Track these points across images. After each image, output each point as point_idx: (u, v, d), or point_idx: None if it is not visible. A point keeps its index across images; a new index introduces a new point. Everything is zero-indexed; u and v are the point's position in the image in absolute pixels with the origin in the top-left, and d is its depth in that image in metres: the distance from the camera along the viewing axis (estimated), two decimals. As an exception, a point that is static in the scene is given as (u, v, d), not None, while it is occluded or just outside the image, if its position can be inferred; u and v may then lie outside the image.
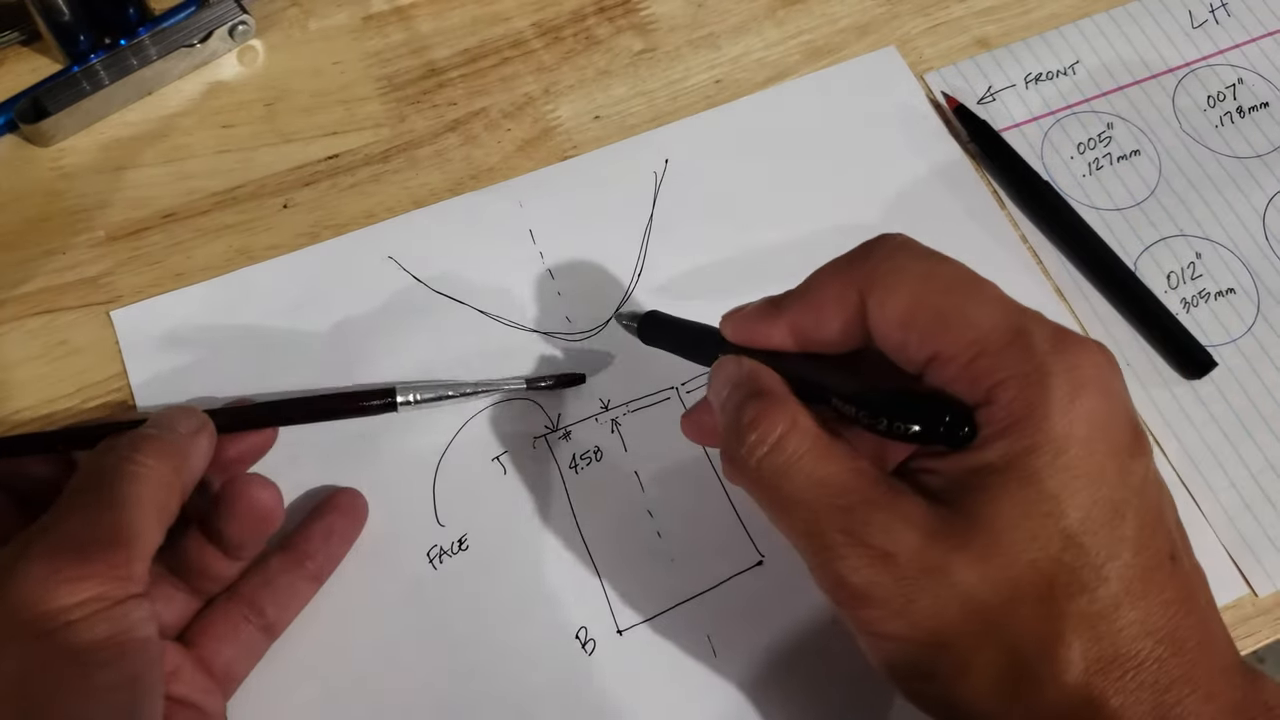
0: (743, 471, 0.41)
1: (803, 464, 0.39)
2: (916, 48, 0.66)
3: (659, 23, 0.65)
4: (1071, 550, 0.36)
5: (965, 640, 0.37)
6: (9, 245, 0.58)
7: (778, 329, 0.43)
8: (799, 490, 0.39)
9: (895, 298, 0.39)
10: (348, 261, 0.58)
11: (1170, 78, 0.66)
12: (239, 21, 0.61)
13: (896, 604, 0.37)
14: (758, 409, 0.40)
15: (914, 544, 0.36)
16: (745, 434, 0.40)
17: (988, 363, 0.37)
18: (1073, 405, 0.36)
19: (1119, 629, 0.36)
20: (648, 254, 0.59)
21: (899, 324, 0.39)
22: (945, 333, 0.38)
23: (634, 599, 0.51)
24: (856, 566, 0.37)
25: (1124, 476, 0.37)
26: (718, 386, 0.43)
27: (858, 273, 0.41)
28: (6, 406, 0.54)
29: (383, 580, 0.51)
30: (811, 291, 0.42)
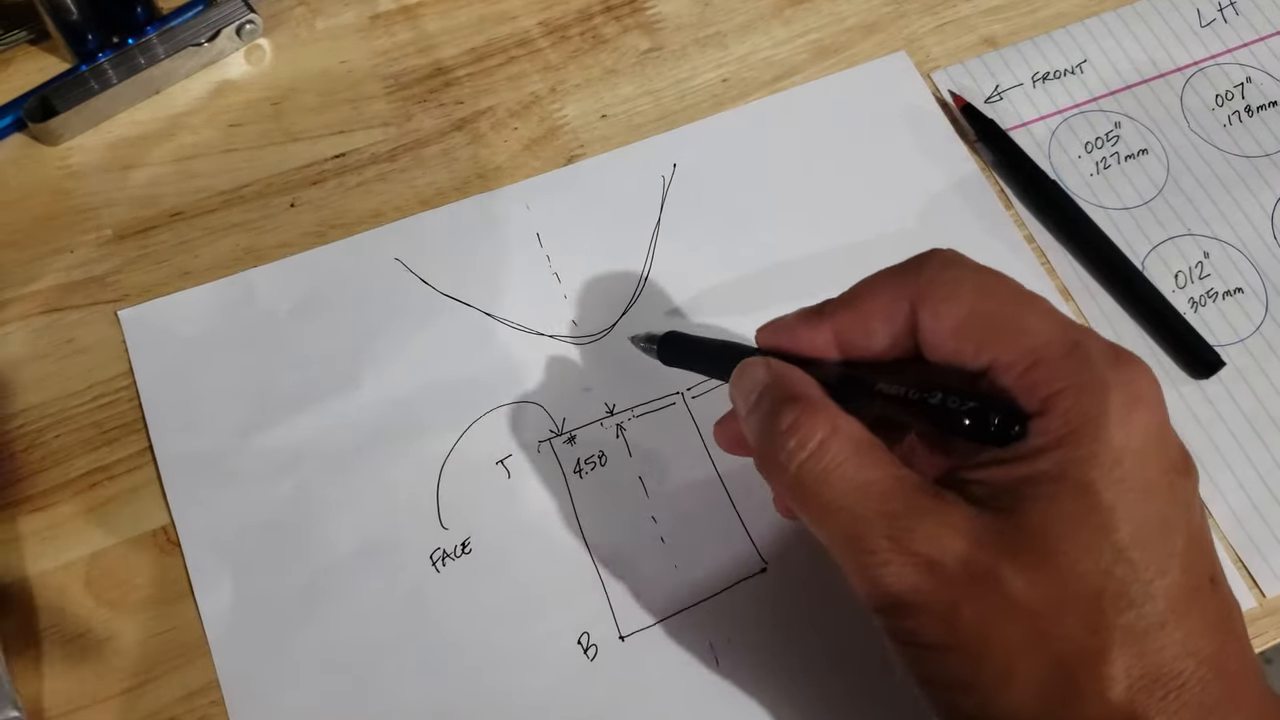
0: (780, 476, 0.40)
1: (844, 469, 0.38)
2: (924, 46, 0.65)
3: (665, 21, 0.65)
4: (1122, 564, 0.36)
5: (1010, 650, 0.36)
6: (17, 244, 0.58)
7: (822, 335, 0.43)
8: (840, 496, 0.38)
9: (951, 307, 0.39)
10: (354, 263, 0.58)
11: (1178, 77, 0.66)
12: (246, 20, 0.61)
13: (940, 612, 0.36)
14: (795, 414, 0.40)
15: (961, 551, 0.36)
16: (785, 440, 0.39)
17: (1045, 372, 0.37)
18: (1129, 418, 0.36)
19: (1163, 647, 0.36)
20: (655, 258, 0.59)
21: (954, 333, 0.39)
22: (1002, 342, 0.38)
23: (637, 604, 0.52)
24: (901, 574, 0.37)
25: (1175, 494, 0.37)
26: (744, 391, 0.43)
27: (911, 283, 0.41)
28: (14, 404, 0.54)
29: (386, 582, 0.51)
30: (859, 300, 0.42)
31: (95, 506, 0.52)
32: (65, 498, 0.52)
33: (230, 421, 0.54)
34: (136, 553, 0.52)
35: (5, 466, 0.53)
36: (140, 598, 0.50)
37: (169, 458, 0.53)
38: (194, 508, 0.52)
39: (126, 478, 0.53)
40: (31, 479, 0.53)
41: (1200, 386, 0.58)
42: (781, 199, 0.61)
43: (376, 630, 0.50)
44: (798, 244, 0.59)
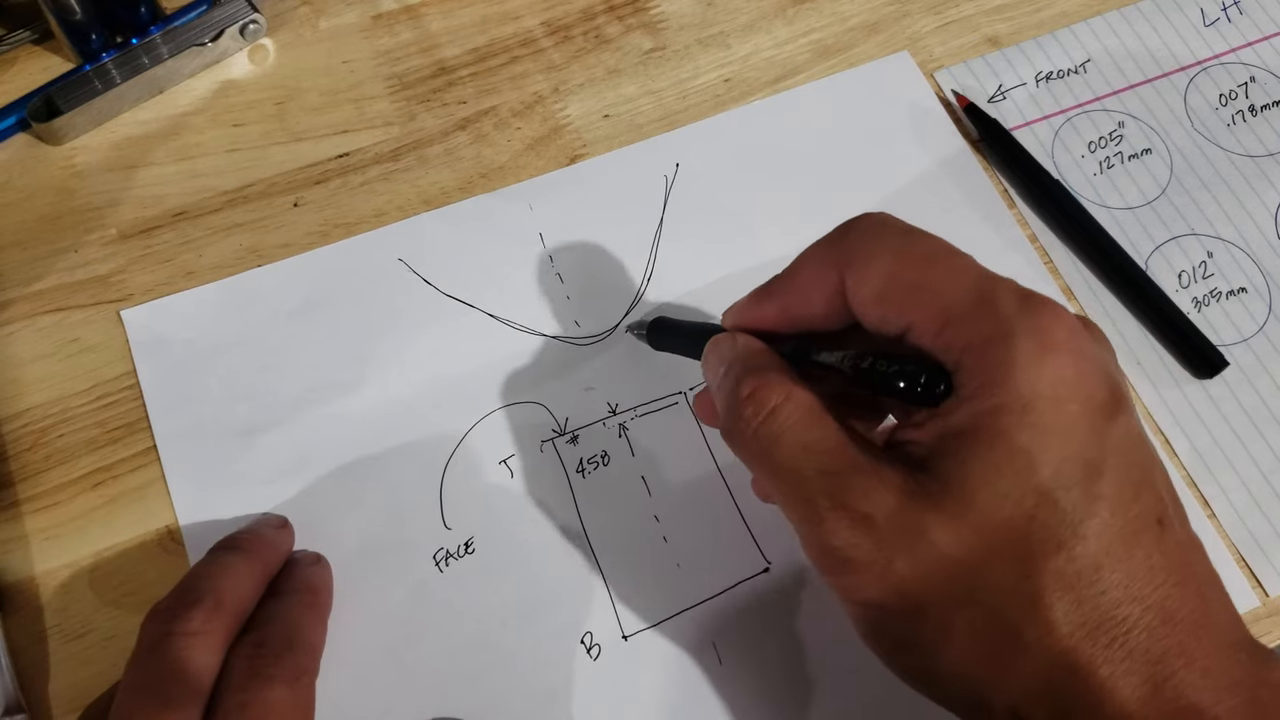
0: (740, 442, 0.41)
1: (793, 432, 0.39)
2: (927, 46, 0.65)
3: (668, 21, 0.65)
4: (1045, 507, 0.35)
5: (945, 604, 0.36)
6: (21, 243, 0.58)
7: (770, 311, 0.44)
8: (788, 456, 0.39)
9: (870, 274, 0.40)
10: (357, 263, 0.58)
11: (1182, 76, 0.65)
12: (250, 20, 0.62)
13: (876, 568, 0.37)
14: (754, 383, 0.41)
15: (891, 506, 0.37)
16: (744, 407, 0.40)
17: (956, 330, 0.37)
18: (1039, 364, 0.36)
19: (1101, 591, 0.36)
20: (658, 258, 0.59)
21: (875, 299, 0.40)
22: (917, 305, 0.39)
23: (640, 604, 0.52)
24: (837, 529, 0.37)
25: (1099, 436, 0.37)
26: (713, 364, 0.44)
27: (836, 252, 0.42)
28: (18, 404, 0.54)
29: (389, 582, 0.51)
30: (796, 274, 0.43)
31: (99, 506, 0.52)
32: (69, 497, 0.53)
33: (233, 421, 0.54)
34: (140, 552, 0.52)
35: (9, 466, 0.53)
36: (144, 597, 0.50)
37: (173, 457, 0.53)
38: (198, 507, 0.52)
39: (130, 477, 0.53)
40: (35, 478, 0.53)
41: (1204, 386, 0.58)
42: (784, 198, 0.61)
43: (380, 630, 0.50)
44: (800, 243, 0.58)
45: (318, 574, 0.50)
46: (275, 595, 0.47)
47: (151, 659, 0.42)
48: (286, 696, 0.43)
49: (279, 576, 0.49)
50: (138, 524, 0.52)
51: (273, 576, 0.48)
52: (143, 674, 0.42)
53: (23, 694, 0.49)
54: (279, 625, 0.45)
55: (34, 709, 0.49)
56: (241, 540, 0.48)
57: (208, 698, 0.42)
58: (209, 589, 0.44)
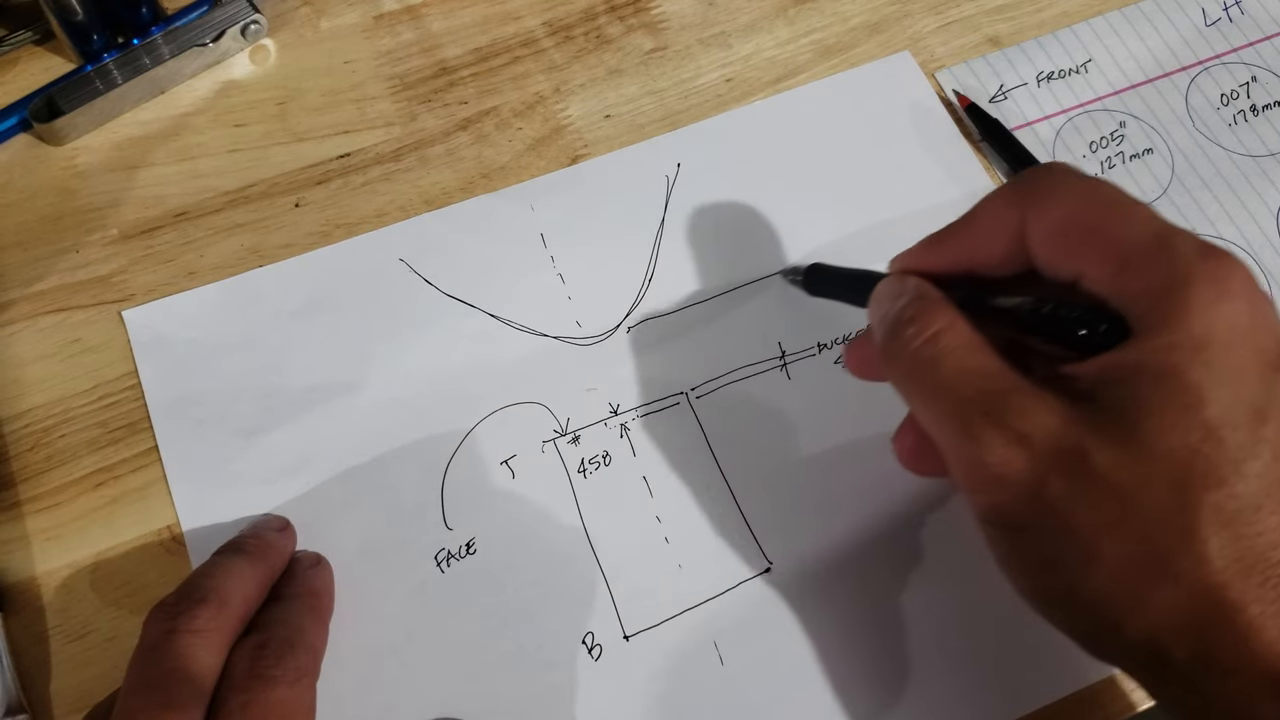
0: (897, 361, 0.42)
1: (954, 356, 0.40)
2: (928, 46, 0.65)
3: (670, 21, 0.65)
4: (1211, 442, 0.36)
5: (1096, 527, 0.37)
6: (23, 243, 0.58)
7: (943, 256, 0.45)
8: (948, 377, 0.40)
9: (1052, 212, 0.41)
10: (359, 264, 0.58)
11: (1183, 76, 0.65)
12: (251, 21, 0.62)
13: (1029, 486, 0.37)
14: (918, 307, 0.42)
15: (1051, 426, 0.37)
16: (906, 328, 0.42)
17: (1133, 273, 0.38)
18: (1215, 308, 0.37)
19: (1258, 533, 0.36)
20: (659, 258, 0.59)
21: (1053, 237, 0.41)
22: (1095, 246, 0.40)
23: (641, 604, 0.52)
24: (992, 446, 0.38)
25: (1267, 385, 0.37)
26: (880, 303, 0.45)
27: (1020, 192, 0.43)
28: (19, 404, 0.54)
29: (390, 583, 0.51)
30: (976, 217, 0.44)
31: (101, 506, 0.52)
32: (71, 497, 0.53)
33: (235, 421, 0.54)
34: (142, 553, 0.52)
35: (11, 466, 0.53)
36: (146, 598, 0.50)
37: (174, 457, 0.53)
38: (199, 508, 0.52)
39: (132, 477, 0.53)
40: (37, 479, 0.53)
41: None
42: (785, 198, 0.61)
43: (381, 630, 0.50)
44: (801, 243, 0.59)
45: (319, 577, 0.50)
46: (277, 599, 0.47)
47: (154, 657, 0.42)
48: (288, 697, 0.43)
49: (281, 580, 0.49)
50: (139, 524, 0.52)
51: (275, 579, 0.48)
52: (145, 672, 0.42)
53: (24, 694, 0.49)
54: (281, 628, 0.45)
55: (35, 709, 0.49)
56: (245, 543, 0.48)
57: (210, 698, 0.42)
58: (213, 588, 0.44)
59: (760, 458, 0.55)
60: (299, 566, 0.50)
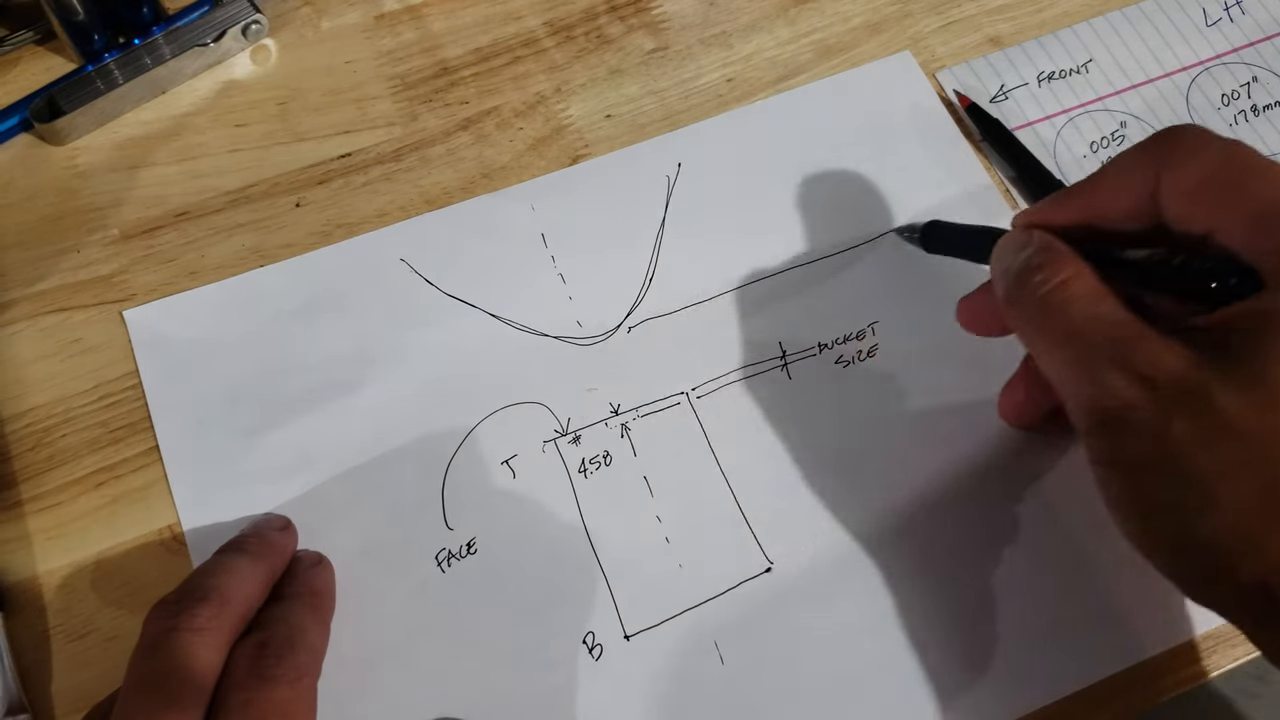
0: (1022, 307, 0.43)
1: (1082, 303, 0.41)
2: (929, 46, 0.65)
3: (670, 21, 0.65)
4: None
5: (1218, 471, 0.37)
6: (24, 243, 0.58)
7: (1070, 211, 0.46)
8: (1075, 322, 0.41)
9: (1189, 170, 0.42)
10: (360, 264, 0.58)
11: (1184, 76, 0.65)
12: (252, 21, 0.62)
13: (1152, 427, 0.38)
14: (1045, 256, 0.43)
15: (1178, 369, 0.38)
16: (1034, 274, 0.43)
17: (1267, 233, 0.39)
18: None
19: None
20: (660, 258, 0.59)
21: (1189, 194, 0.41)
22: (1230, 205, 0.40)
23: (642, 605, 0.51)
24: (1118, 388, 0.38)
25: None
26: (1004, 255, 0.46)
27: (1154, 151, 0.43)
28: (20, 404, 0.54)
29: (391, 583, 0.51)
30: (1106, 174, 0.45)
31: (102, 506, 0.52)
32: (72, 497, 0.53)
33: (236, 421, 0.54)
34: (143, 552, 0.52)
35: (12, 466, 0.53)
36: (147, 597, 0.50)
37: (175, 457, 0.53)
38: (200, 508, 0.52)
39: (133, 477, 0.53)
40: (38, 478, 0.53)
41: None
42: (786, 198, 0.61)
43: (382, 630, 0.50)
44: (802, 243, 0.59)
45: (321, 576, 0.50)
46: (279, 599, 0.47)
47: (154, 656, 0.42)
48: (289, 696, 0.43)
49: (283, 580, 0.49)
50: (140, 524, 0.52)
51: (277, 578, 0.48)
52: (145, 671, 0.42)
53: (25, 694, 0.49)
54: (282, 627, 0.45)
55: (36, 709, 0.49)
56: (246, 543, 0.48)
57: (210, 696, 0.42)
58: (213, 586, 0.44)
59: (761, 458, 0.55)
60: (300, 566, 0.50)
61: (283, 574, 0.49)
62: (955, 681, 0.51)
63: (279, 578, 0.49)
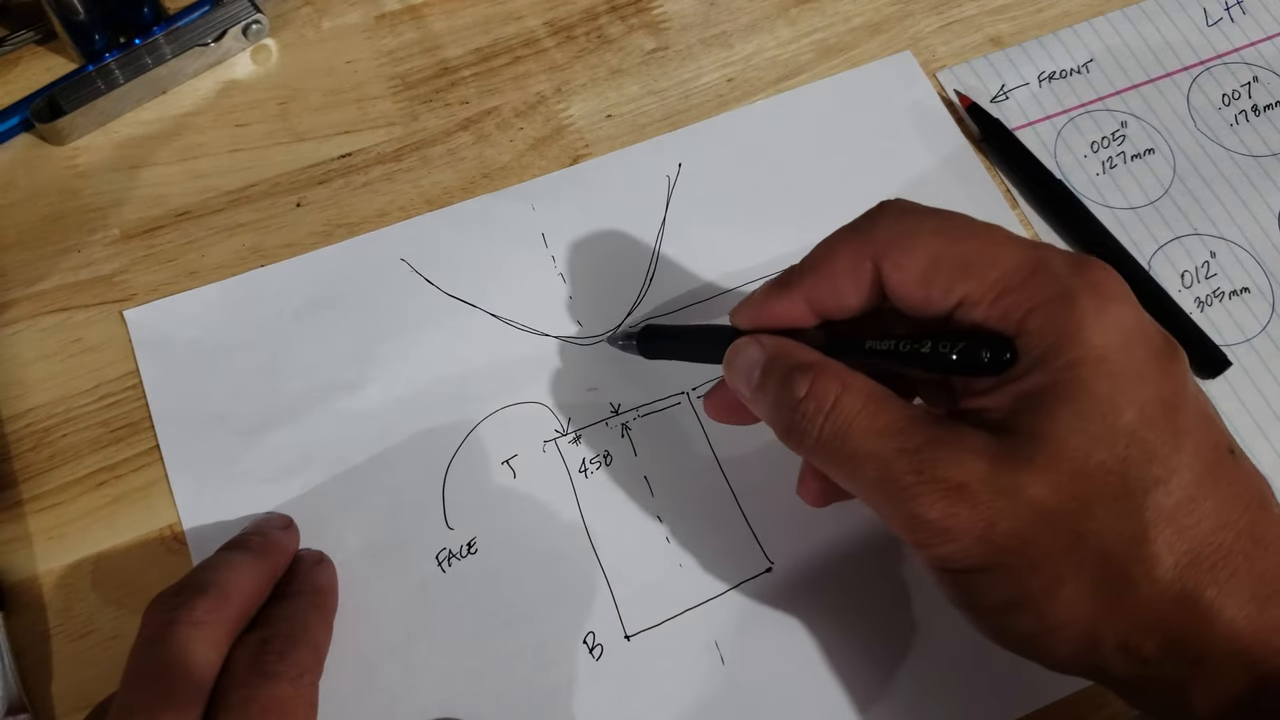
0: (804, 441, 0.41)
1: (861, 419, 0.40)
2: (929, 46, 0.65)
3: (671, 21, 0.65)
4: (1136, 446, 0.37)
5: (1053, 555, 0.37)
6: (24, 243, 0.58)
7: (794, 304, 0.44)
8: (863, 444, 0.39)
9: (914, 256, 0.41)
10: (360, 263, 0.58)
11: (1184, 76, 0.65)
12: (252, 20, 0.62)
13: (978, 532, 0.37)
14: (808, 380, 0.41)
15: (983, 470, 0.37)
16: (804, 406, 0.41)
17: (1014, 296, 0.39)
18: (1103, 317, 0.38)
19: (1198, 521, 0.37)
20: (660, 258, 0.59)
21: (921, 279, 0.41)
22: (968, 278, 0.40)
23: (642, 604, 0.52)
24: (932, 502, 0.38)
25: (1168, 376, 0.38)
26: (743, 369, 0.44)
27: (869, 239, 0.42)
28: (21, 404, 0.54)
29: (391, 582, 0.51)
30: (823, 263, 0.43)
31: (102, 506, 0.52)
32: (72, 497, 0.53)
33: (236, 421, 0.54)
34: (144, 552, 0.52)
35: (13, 466, 0.53)
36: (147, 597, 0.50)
37: (176, 457, 0.53)
38: (201, 507, 0.52)
39: (133, 477, 0.53)
40: (39, 478, 0.53)
41: (1207, 386, 0.58)
42: (786, 198, 0.61)
43: (382, 630, 0.50)
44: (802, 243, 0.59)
45: (323, 574, 0.50)
46: (282, 597, 0.47)
47: (152, 651, 0.42)
48: (289, 694, 0.43)
49: (285, 578, 0.49)
50: (141, 524, 0.52)
51: (279, 576, 0.48)
52: (144, 666, 0.42)
53: (26, 694, 0.49)
54: (285, 624, 0.45)
55: (37, 709, 0.49)
56: (249, 541, 0.48)
57: (210, 693, 0.42)
58: (213, 581, 0.44)
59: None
60: (303, 565, 0.50)
61: (285, 573, 0.49)
62: (955, 681, 0.51)
63: (281, 576, 0.49)
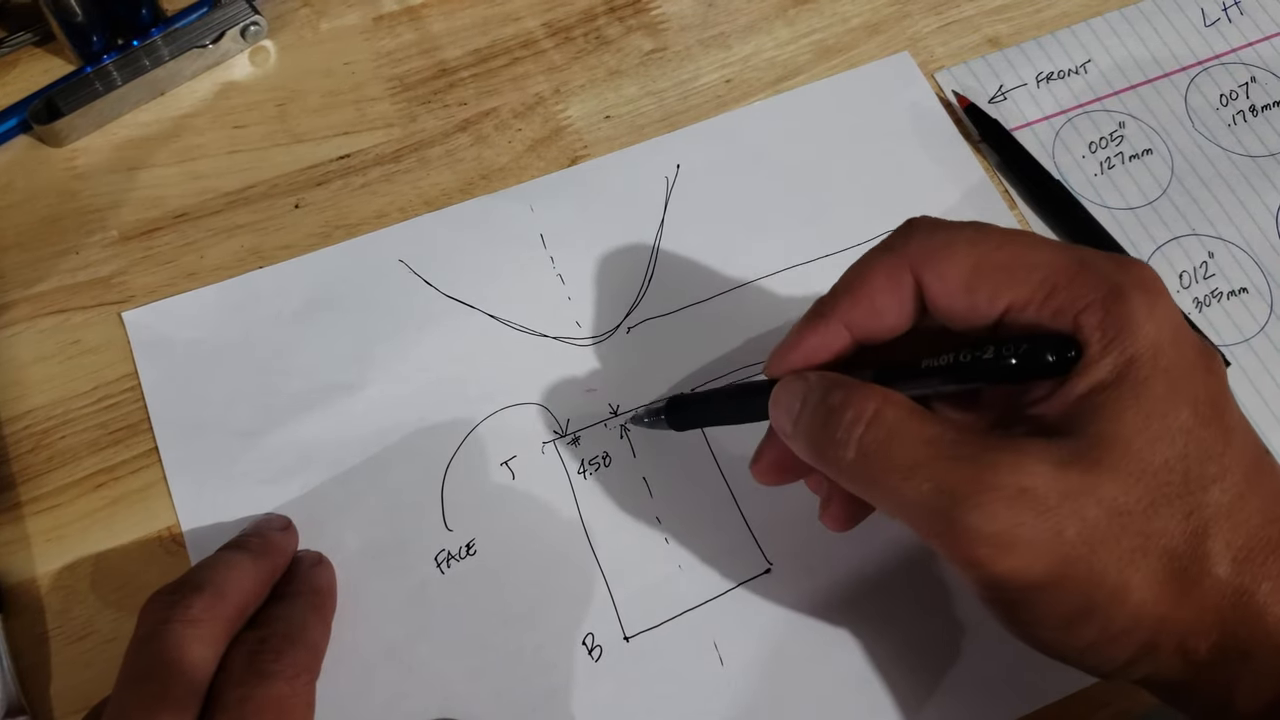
0: (841, 462, 0.40)
1: (909, 428, 0.38)
2: (928, 46, 0.65)
3: (669, 22, 0.65)
4: (1194, 445, 0.37)
5: (1120, 560, 0.36)
6: (23, 245, 0.58)
7: (831, 333, 0.43)
8: (911, 455, 0.38)
9: (955, 265, 0.40)
10: (358, 264, 0.58)
11: (1183, 76, 0.65)
12: (251, 22, 0.62)
13: (1045, 541, 0.36)
14: (844, 394, 0.40)
15: (1049, 474, 0.36)
16: (840, 418, 0.39)
17: (1065, 296, 0.38)
18: (1154, 313, 0.37)
19: (1248, 517, 0.37)
20: (658, 259, 0.59)
21: (965, 287, 0.40)
22: (1013, 282, 0.39)
23: (641, 606, 0.52)
24: (995, 512, 0.36)
25: (1212, 374, 0.38)
26: (786, 404, 0.43)
27: (905, 254, 0.41)
28: (20, 406, 0.54)
29: (390, 583, 0.51)
30: (859, 284, 0.43)
31: (101, 508, 0.52)
32: (71, 499, 0.53)
33: (235, 423, 0.54)
34: (142, 554, 0.52)
35: (11, 468, 0.53)
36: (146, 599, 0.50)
37: (174, 459, 0.53)
38: (199, 509, 0.52)
39: (132, 479, 0.53)
40: (37, 480, 0.53)
41: (1205, 386, 0.58)
42: (785, 199, 0.61)
43: (381, 630, 0.50)
44: (801, 244, 0.59)
45: (322, 576, 0.50)
46: (280, 598, 0.47)
47: (148, 649, 0.42)
48: (286, 693, 0.42)
49: (284, 579, 0.49)
50: (139, 525, 0.52)
51: (277, 577, 0.48)
52: (139, 665, 0.42)
53: (24, 695, 0.49)
54: (283, 624, 0.45)
55: (35, 710, 0.49)
56: (247, 541, 0.48)
57: (205, 692, 0.42)
58: (210, 579, 0.44)
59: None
60: (301, 565, 0.50)
61: (284, 574, 0.49)
62: (954, 682, 0.51)
63: (280, 577, 0.49)
